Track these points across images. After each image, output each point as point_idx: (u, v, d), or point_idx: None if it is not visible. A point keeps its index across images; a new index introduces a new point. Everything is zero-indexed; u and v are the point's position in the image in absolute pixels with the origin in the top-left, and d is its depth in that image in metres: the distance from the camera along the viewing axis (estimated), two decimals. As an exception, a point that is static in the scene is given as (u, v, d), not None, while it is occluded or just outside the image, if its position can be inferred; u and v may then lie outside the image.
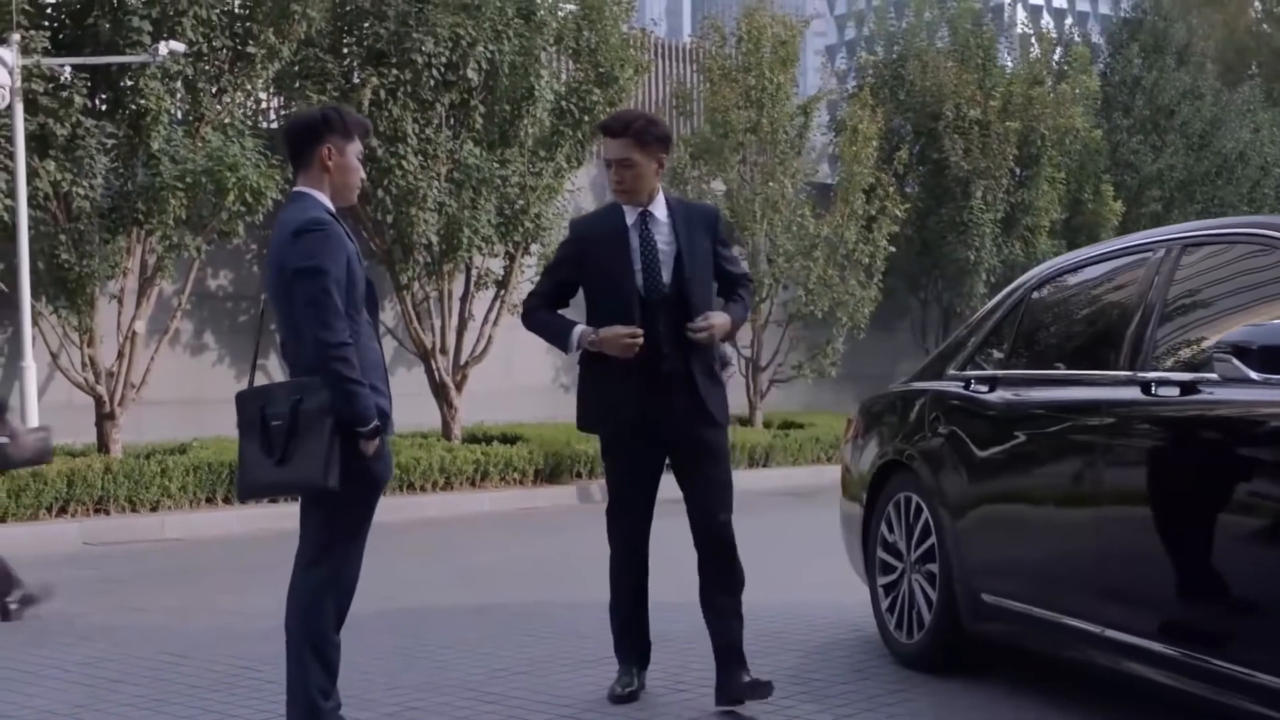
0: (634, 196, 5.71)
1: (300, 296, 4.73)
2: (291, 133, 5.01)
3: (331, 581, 4.88)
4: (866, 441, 7.05)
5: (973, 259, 20.77)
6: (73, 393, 13.84)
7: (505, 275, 16.45)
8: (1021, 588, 5.58)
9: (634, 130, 5.66)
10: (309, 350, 4.73)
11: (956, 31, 22.32)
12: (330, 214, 4.85)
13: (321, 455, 4.68)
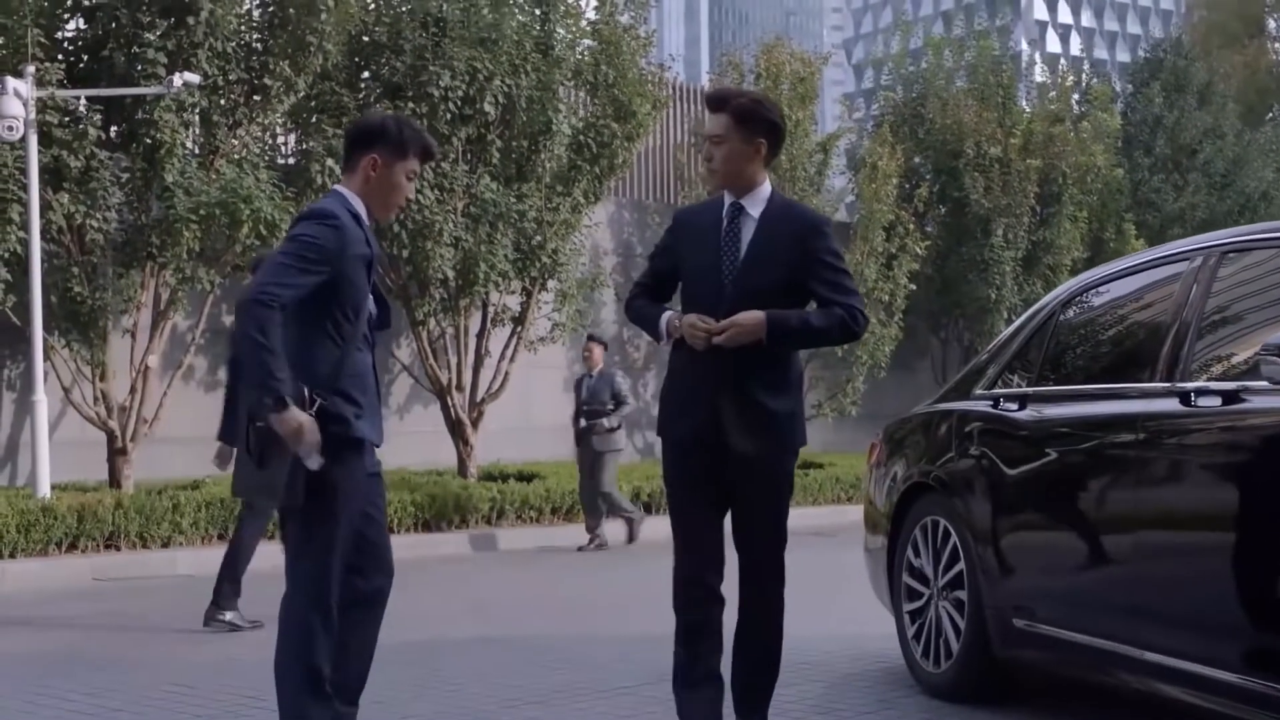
0: (725, 181, 5.08)
1: (274, 255, 4.61)
2: (349, 132, 4.88)
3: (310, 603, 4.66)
4: (891, 467, 6.82)
5: (994, 297, 20.58)
6: (85, 428, 13.70)
7: (522, 311, 16.31)
8: (1055, 611, 5.35)
9: (733, 106, 5.05)
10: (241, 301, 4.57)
11: (976, 71, 22.19)
12: (354, 214, 4.70)
13: (285, 466, 4.52)
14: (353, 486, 4.67)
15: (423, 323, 15.50)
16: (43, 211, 12.58)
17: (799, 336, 5.02)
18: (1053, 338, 6.01)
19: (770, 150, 5.06)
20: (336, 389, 4.61)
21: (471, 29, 14.71)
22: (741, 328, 4.87)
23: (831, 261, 5.05)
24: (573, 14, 15.83)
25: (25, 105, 12.27)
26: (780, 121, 5.12)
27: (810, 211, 5.30)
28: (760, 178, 5.08)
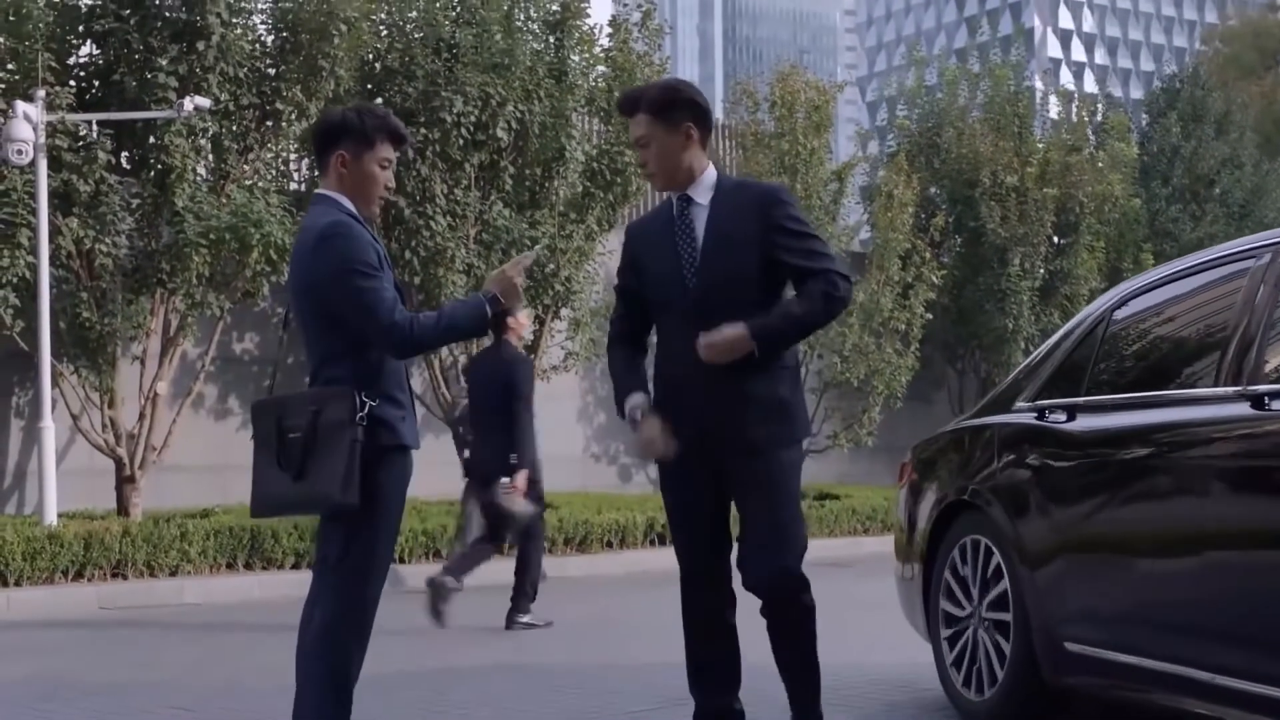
0: (665, 179, 4.79)
1: (348, 301, 4.44)
2: (314, 135, 4.76)
3: (348, 616, 4.52)
4: (924, 486, 6.42)
5: (1011, 327, 20.39)
6: (94, 456, 13.57)
7: (535, 340, 16.14)
8: (1114, 634, 4.98)
9: (647, 101, 4.73)
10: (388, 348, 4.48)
11: (992, 101, 22.07)
12: (352, 216, 4.58)
13: (340, 470, 4.36)
14: (400, 493, 4.57)
15: (435, 351, 15.36)
16: (52, 236, 12.49)
17: (789, 332, 4.69)
18: (1103, 344, 5.66)
19: (701, 131, 4.75)
20: (380, 392, 4.48)
21: (484, 54, 14.64)
22: (723, 340, 4.57)
23: (795, 228, 4.72)
24: (586, 40, 15.73)
25: (35, 129, 12.18)
26: (702, 100, 4.78)
27: (764, 183, 5.00)
28: (701, 164, 4.78)
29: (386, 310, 4.43)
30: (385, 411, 4.48)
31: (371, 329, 4.45)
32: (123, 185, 12.96)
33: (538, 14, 15.49)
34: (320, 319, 4.52)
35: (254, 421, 4.63)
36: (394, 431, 4.49)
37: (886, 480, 21.23)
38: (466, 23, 14.78)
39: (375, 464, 4.44)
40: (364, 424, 4.40)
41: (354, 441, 4.37)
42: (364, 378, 4.48)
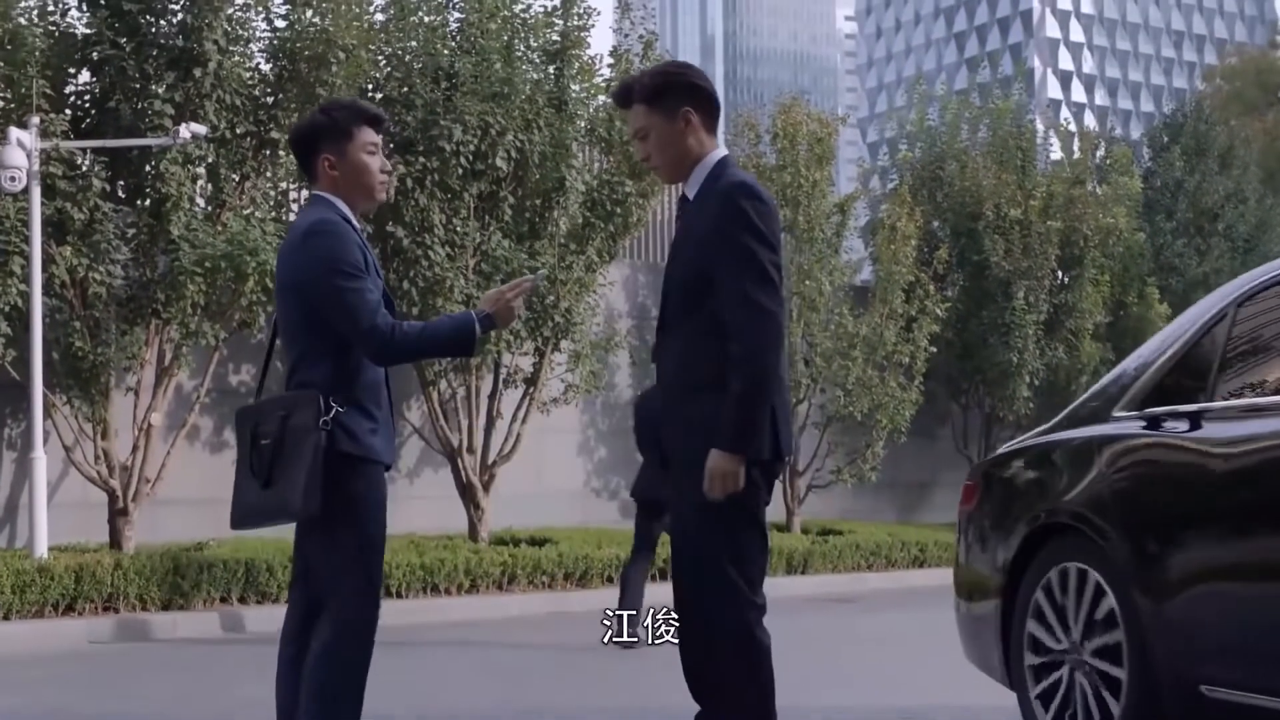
0: (669, 172, 4.49)
1: (330, 300, 4.33)
2: (292, 146, 4.66)
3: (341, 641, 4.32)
4: (1002, 508, 5.73)
5: (1015, 361, 20.19)
6: (87, 489, 13.36)
7: (534, 372, 15.96)
8: (1265, 675, 4.38)
9: (640, 90, 4.45)
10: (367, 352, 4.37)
11: (994, 134, 21.94)
12: (344, 218, 4.43)
13: (300, 476, 4.22)
14: (373, 502, 4.41)
15: (433, 383, 15.17)
16: (45, 265, 12.32)
17: (747, 419, 4.22)
18: (1230, 343, 5.05)
19: (703, 115, 4.43)
20: (352, 400, 4.34)
21: (484, 83, 14.50)
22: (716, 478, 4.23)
23: (735, 241, 4.24)
24: (586, 71, 15.60)
25: (29, 156, 12.04)
26: (701, 81, 4.48)
27: (736, 176, 4.41)
28: (703, 150, 4.44)
29: (368, 313, 4.30)
30: (352, 420, 4.35)
31: (352, 331, 4.32)
32: (117, 214, 12.80)
33: (537, 44, 15.36)
34: (300, 317, 4.42)
35: (236, 430, 4.51)
36: (356, 440, 4.34)
37: (890, 515, 21.04)
38: (466, 51, 14.66)
39: (346, 475, 4.29)
40: (327, 429, 4.24)
41: (316, 448, 4.23)
42: (337, 382, 4.36)
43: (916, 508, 21.69)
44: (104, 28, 12.86)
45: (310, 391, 4.29)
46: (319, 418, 4.24)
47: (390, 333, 4.30)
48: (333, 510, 4.25)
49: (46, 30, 13.10)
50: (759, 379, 4.21)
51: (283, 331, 4.51)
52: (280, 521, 4.39)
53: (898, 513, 21.28)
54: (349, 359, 4.37)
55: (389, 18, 14.91)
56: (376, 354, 4.36)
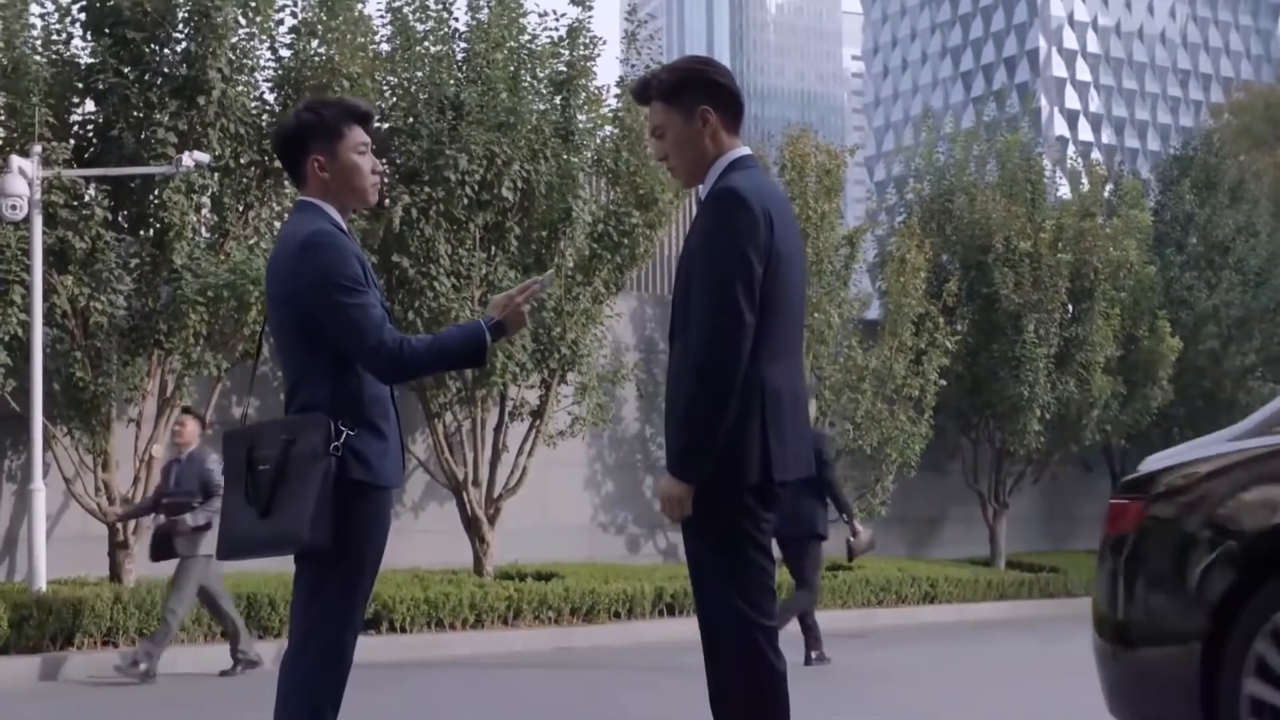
0: (687, 174, 4.25)
1: (333, 317, 4.11)
2: (276, 149, 4.42)
3: (321, 670, 4.12)
4: (1186, 533, 4.59)
5: (1026, 395, 19.97)
6: (88, 522, 13.21)
7: (540, 405, 15.80)
8: None
9: (658, 86, 4.22)
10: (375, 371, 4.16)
11: (1003, 166, 21.82)
12: (337, 227, 4.24)
13: (309, 506, 3.99)
14: (379, 534, 4.20)
15: (438, 415, 15.01)
16: (46, 294, 12.20)
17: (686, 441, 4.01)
18: None
19: (723, 114, 4.18)
20: (362, 421, 4.13)
21: (489, 113, 14.39)
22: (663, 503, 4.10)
23: (708, 250, 4.00)
24: (593, 101, 15.50)
25: (30, 185, 11.93)
26: (722, 78, 4.21)
27: (726, 181, 4.12)
28: (720, 150, 4.19)
29: (374, 329, 4.09)
30: (364, 443, 4.12)
31: (357, 349, 4.11)
32: (120, 243, 12.69)
33: (544, 74, 15.26)
34: (299, 335, 4.17)
35: (224, 453, 4.26)
36: (369, 467, 4.12)
37: (900, 551, 20.81)
38: (472, 81, 14.55)
39: (349, 500, 4.06)
40: (338, 455, 4.05)
41: (326, 474, 4.00)
42: (344, 403, 4.12)
43: (926, 543, 21.47)
44: (108, 56, 12.78)
45: (317, 415, 4.05)
46: (329, 443, 4.01)
47: (399, 349, 4.09)
48: (339, 539, 4.06)
49: (50, 59, 13.02)
50: (704, 398, 3.96)
51: (278, 348, 4.28)
52: (282, 552, 4.16)
53: (908, 548, 21.06)
54: (354, 377, 4.15)
55: (394, 47, 14.82)
56: (385, 372, 4.15)
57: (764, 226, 4.02)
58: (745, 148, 4.27)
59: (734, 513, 4.07)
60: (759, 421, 4.07)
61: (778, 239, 4.06)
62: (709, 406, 3.97)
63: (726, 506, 4.06)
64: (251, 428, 4.26)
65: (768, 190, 4.14)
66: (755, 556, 4.12)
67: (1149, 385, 21.63)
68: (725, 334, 3.94)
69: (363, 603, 4.20)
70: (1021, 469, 21.31)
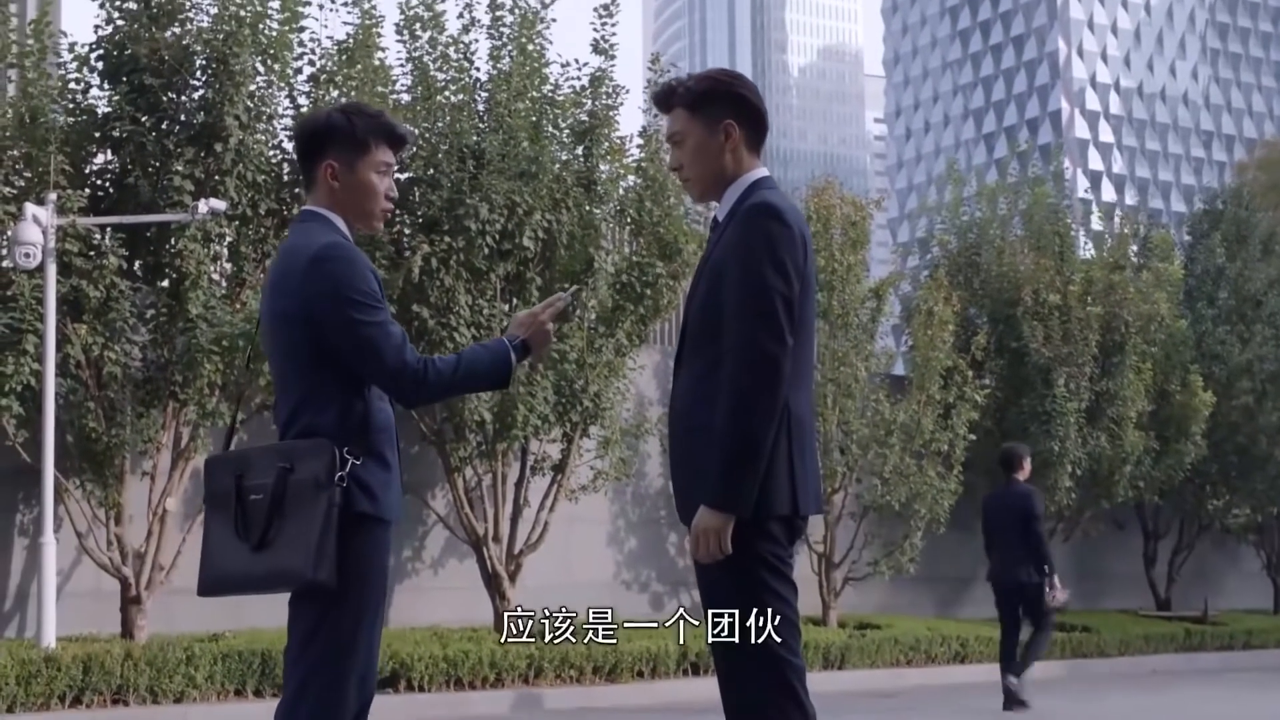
0: (702, 186, 4.08)
1: (349, 337, 3.82)
2: (296, 142, 4.13)
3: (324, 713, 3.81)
4: None
5: (1057, 450, 19.59)
6: (100, 578, 12.95)
7: (562, 459, 15.51)
8: None
9: (683, 94, 4.03)
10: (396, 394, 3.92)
11: (1031, 219, 21.54)
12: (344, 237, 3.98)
13: (313, 540, 3.69)
14: (381, 570, 3.92)
15: (458, 469, 14.73)
16: (60, 344, 11.99)
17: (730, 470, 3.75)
18: None
19: (746, 131, 4.01)
20: (368, 450, 3.84)
21: (511, 162, 14.20)
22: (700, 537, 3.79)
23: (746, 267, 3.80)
24: (616, 151, 15.31)
25: (44, 233, 11.76)
26: (749, 94, 4.03)
27: (760, 197, 3.93)
28: (739, 169, 4.01)
29: (394, 350, 3.80)
30: (370, 474, 3.83)
31: (376, 370, 3.82)
32: (135, 292, 12.50)
33: (566, 123, 15.09)
34: (305, 355, 3.87)
35: (207, 480, 3.95)
36: (374, 500, 3.84)
37: (929, 610, 20.39)
38: (493, 130, 14.38)
39: (353, 535, 3.77)
40: (343, 485, 3.75)
41: (330, 506, 3.70)
42: (350, 429, 3.82)
43: (956, 602, 21.04)
44: (125, 104, 12.64)
45: (319, 441, 3.76)
46: (333, 472, 3.72)
47: (423, 372, 3.82)
48: (342, 577, 3.77)
49: (67, 108, 12.90)
50: (748, 426, 3.73)
51: (276, 374, 3.99)
52: (274, 590, 3.85)
53: (937, 607, 20.63)
54: (360, 401, 3.87)
55: (414, 97, 14.66)
56: (408, 395, 3.89)
57: (800, 247, 3.86)
58: (765, 169, 4.08)
59: (761, 544, 3.81)
60: (786, 450, 3.85)
61: (809, 262, 3.91)
62: (756, 431, 3.74)
63: (752, 537, 3.80)
64: (239, 453, 3.99)
65: (799, 211, 3.98)
66: (784, 589, 3.87)
67: (1182, 441, 21.22)
68: (770, 355, 3.75)
69: (365, 646, 3.89)
70: (1053, 526, 20.87)
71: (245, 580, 3.83)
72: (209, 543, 3.88)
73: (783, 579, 3.87)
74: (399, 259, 13.88)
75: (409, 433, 14.88)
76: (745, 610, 3.80)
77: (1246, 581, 24.39)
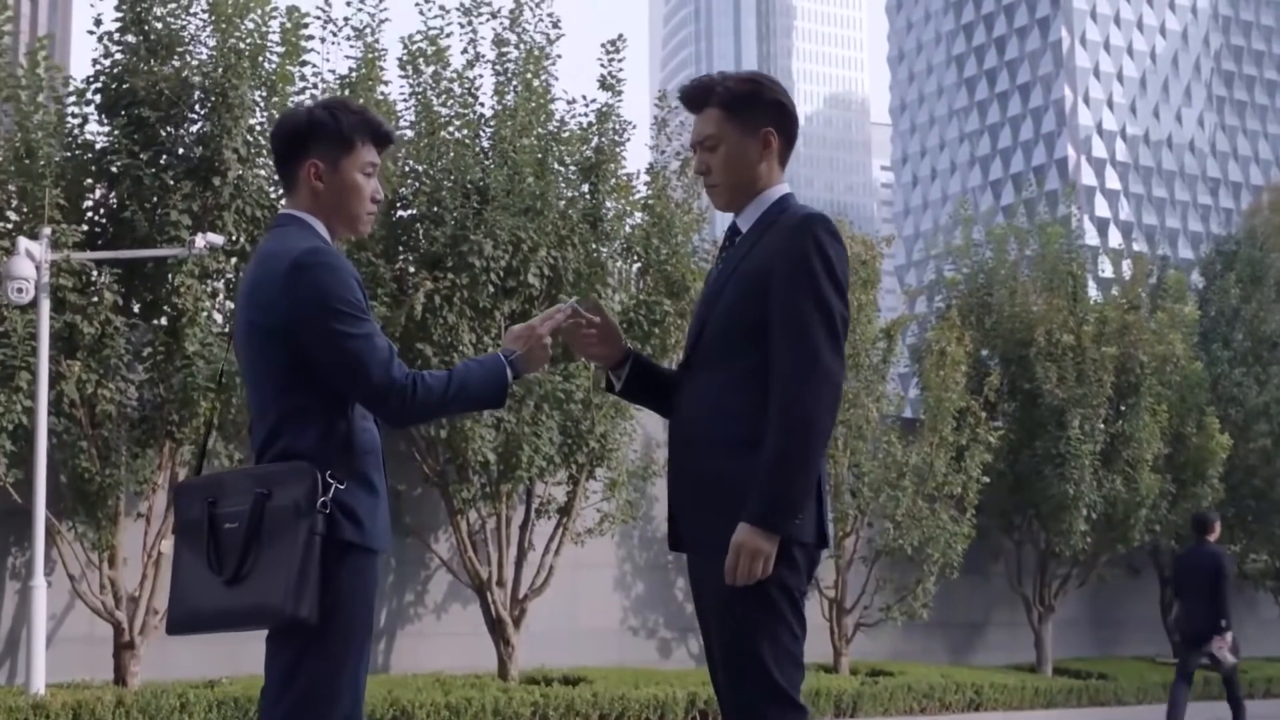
0: (732, 195, 3.80)
1: (331, 350, 3.51)
2: (274, 143, 3.79)
3: None
4: None
5: (1071, 493, 19.21)
6: (94, 624, 12.63)
7: (568, 502, 15.18)
8: None
9: (722, 93, 3.74)
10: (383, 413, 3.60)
11: (1044, 259, 21.25)
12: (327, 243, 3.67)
13: (292, 572, 3.37)
14: (366, 604, 3.58)
15: (461, 512, 14.40)
16: (53, 382, 11.71)
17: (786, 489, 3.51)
18: None
19: (782, 143, 3.77)
20: (354, 474, 3.51)
21: (516, 198, 13.94)
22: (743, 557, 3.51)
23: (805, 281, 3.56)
24: (622, 188, 15.05)
25: (38, 268, 11.51)
26: (789, 102, 3.79)
27: (808, 209, 3.74)
28: (770, 180, 3.77)
29: (380, 364, 3.48)
30: (355, 499, 3.51)
31: (360, 386, 3.50)
32: (130, 329, 12.22)
33: (572, 159, 14.84)
34: (282, 371, 3.54)
35: (177, 508, 3.64)
36: (360, 528, 3.51)
37: (941, 657, 20.00)
38: (498, 165, 14.13)
39: (337, 566, 3.44)
40: (326, 511, 3.43)
41: (312, 535, 3.38)
42: (333, 451, 3.50)
43: (970, 648, 20.64)
44: (122, 137, 12.41)
45: (299, 464, 3.44)
46: (314, 498, 3.40)
47: (411, 389, 3.51)
48: (325, 612, 3.44)
49: (63, 143, 12.67)
50: (807, 445, 3.50)
51: (253, 390, 3.67)
52: (251, 627, 3.52)
53: (950, 654, 20.24)
54: (344, 421, 3.55)
55: (418, 133, 14.42)
56: (395, 414, 3.57)
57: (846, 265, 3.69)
58: (788, 186, 3.85)
59: (783, 570, 3.55)
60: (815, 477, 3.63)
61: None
62: (814, 452, 3.54)
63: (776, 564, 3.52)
64: (212, 478, 3.64)
65: None
66: (798, 626, 3.62)
67: (1199, 484, 20.84)
68: (834, 376, 3.55)
69: (350, 687, 3.56)
70: (1067, 571, 20.51)
71: (219, 617, 3.51)
72: (179, 576, 3.56)
73: (798, 613, 3.64)
74: (401, 296, 13.61)
75: (410, 474, 14.57)
76: (756, 639, 3.54)
77: (1265, 628, 23.93)
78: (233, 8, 12.65)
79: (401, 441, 14.24)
